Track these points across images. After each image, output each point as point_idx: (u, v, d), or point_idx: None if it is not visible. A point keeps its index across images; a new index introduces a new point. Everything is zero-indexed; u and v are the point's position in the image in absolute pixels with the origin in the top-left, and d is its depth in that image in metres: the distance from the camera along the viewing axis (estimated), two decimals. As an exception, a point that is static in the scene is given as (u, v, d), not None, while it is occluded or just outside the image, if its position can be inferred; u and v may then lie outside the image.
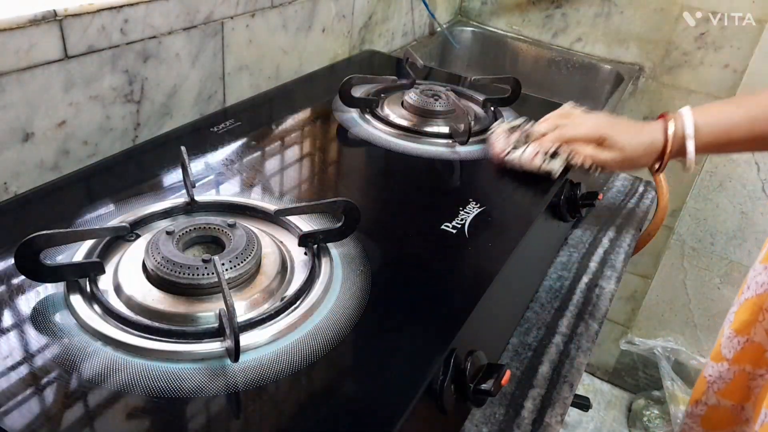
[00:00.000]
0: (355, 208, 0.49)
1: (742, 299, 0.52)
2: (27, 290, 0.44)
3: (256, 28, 0.83)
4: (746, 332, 0.50)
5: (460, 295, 0.49)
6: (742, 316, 0.52)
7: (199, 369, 0.39)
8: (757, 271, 0.51)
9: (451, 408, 0.44)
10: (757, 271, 0.50)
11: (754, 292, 0.50)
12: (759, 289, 0.49)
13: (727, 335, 0.53)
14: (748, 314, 0.50)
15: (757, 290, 0.49)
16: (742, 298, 0.52)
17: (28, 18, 0.55)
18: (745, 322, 0.50)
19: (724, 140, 0.65)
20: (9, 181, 0.60)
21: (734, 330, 0.51)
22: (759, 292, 0.49)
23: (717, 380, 0.67)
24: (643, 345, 1.63)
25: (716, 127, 0.65)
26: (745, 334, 0.50)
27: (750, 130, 0.63)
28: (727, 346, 0.53)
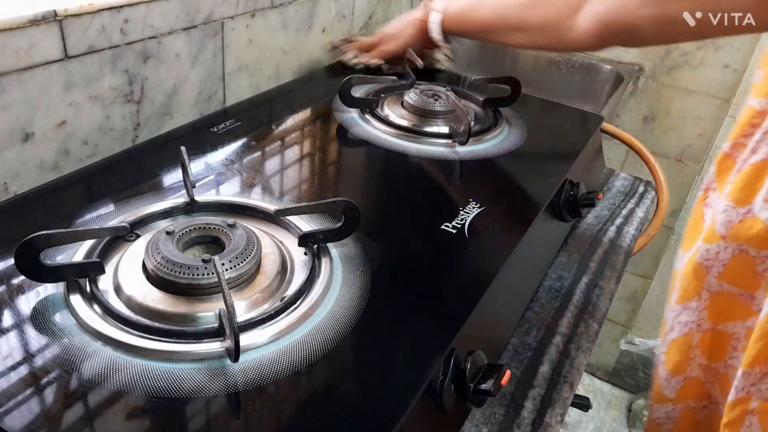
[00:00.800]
0: (355, 208, 0.49)
1: (668, 340, 0.51)
2: (27, 290, 0.44)
3: (256, 28, 0.83)
4: (682, 371, 0.50)
5: (460, 295, 0.49)
6: (673, 357, 0.51)
7: (199, 369, 0.39)
8: (676, 312, 0.50)
9: (451, 408, 0.44)
10: (676, 311, 0.50)
11: (680, 332, 0.49)
12: (684, 329, 0.49)
13: (663, 376, 0.52)
14: (679, 355, 0.50)
15: (683, 330, 0.49)
16: (668, 338, 0.51)
17: (28, 18, 0.55)
18: (678, 362, 0.50)
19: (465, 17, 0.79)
20: (9, 181, 0.60)
21: (670, 371, 0.51)
22: (685, 332, 0.49)
23: (666, 421, 0.66)
24: (643, 345, 1.63)
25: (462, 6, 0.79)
26: (681, 374, 0.50)
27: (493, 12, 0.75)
28: (667, 387, 0.52)
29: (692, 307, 0.47)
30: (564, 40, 0.68)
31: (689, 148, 1.39)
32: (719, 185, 0.46)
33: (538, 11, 0.69)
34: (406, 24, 0.87)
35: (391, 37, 0.88)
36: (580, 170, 0.75)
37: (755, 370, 0.39)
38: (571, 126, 0.86)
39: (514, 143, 0.74)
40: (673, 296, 0.50)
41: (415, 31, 0.85)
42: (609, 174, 0.95)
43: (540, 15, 0.69)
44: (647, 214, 0.88)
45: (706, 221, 0.46)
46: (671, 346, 0.51)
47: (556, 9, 0.67)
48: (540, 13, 0.69)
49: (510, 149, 0.73)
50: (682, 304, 0.48)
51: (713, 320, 0.45)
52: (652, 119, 1.40)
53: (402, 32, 0.87)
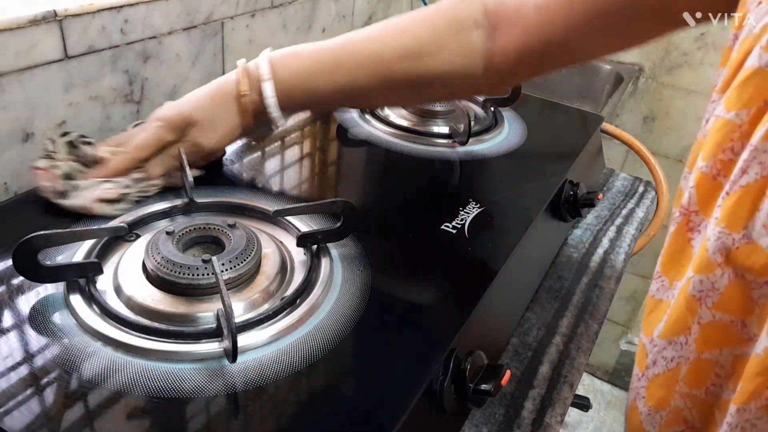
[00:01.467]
0: (354, 208, 0.49)
1: (649, 374, 0.49)
2: (27, 290, 0.44)
3: (256, 28, 0.83)
4: (666, 405, 0.48)
5: (460, 295, 0.49)
6: (656, 392, 0.49)
7: (199, 369, 0.39)
8: (660, 347, 0.48)
9: (451, 408, 0.44)
10: (660, 346, 0.48)
11: (665, 368, 0.47)
12: (670, 364, 0.47)
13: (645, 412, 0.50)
14: (663, 390, 0.48)
15: (668, 365, 0.47)
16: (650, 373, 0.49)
17: (28, 18, 0.55)
18: (662, 397, 0.48)
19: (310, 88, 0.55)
20: (9, 181, 0.60)
21: (653, 407, 0.49)
22: (671, 366, 0.47)
23: None
24: (643, 345, 1.63)
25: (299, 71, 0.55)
26: (665, 408, 0.48)
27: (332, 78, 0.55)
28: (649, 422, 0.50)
29: (680, 342, 0.45)
30: (469, 88, 0.56)
31: (689, 148, 1.39)
32: (702, 209, 0.44)
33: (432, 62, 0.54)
34: (215, 105, 0.56)
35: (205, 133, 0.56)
36: (580, 170, 0.75)
37: (751, 406, 0.39)
38: (571, 126, 0.86)
39: (514, 143, 0.74)
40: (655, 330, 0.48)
41: (237, 115, 0.56)
42: (609, 174, 0.95)
43: (437, 65, 0.54)
44: (647, 214, 0.88)
45: (694, 248, 0.45)
46: (653, 381, 0.49)
47: (456, 57, 0.53)
48: (438, 63, 0.54)
49: (510, 149, 0.73)
50: (668, 339, 0.47)
51: (699, 350, 0.44)
52: (652, 119, 1.40)
53: (214, 120, 0.56)
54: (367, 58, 0.55)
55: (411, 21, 0.55)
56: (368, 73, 0.54)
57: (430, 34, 0.54)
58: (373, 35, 0.55)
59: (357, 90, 0.55)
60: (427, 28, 0.54)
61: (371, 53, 0.55)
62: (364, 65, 0.55)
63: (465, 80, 0.54)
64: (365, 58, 0.55)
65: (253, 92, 0.55)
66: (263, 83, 0.55)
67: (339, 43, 0.56)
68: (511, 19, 0.51)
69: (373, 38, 0.55)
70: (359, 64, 0.55)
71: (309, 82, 0.56)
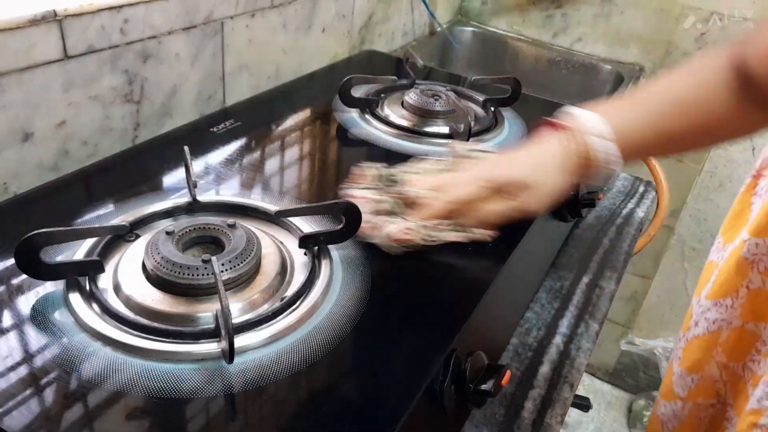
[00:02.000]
0: (356, 209, 0.49)
1: (689, 336, 0.48)
2: (27, 290, 0.44)
3: (256, 28, 0.82)
4: (699, 370, 0.48)
5: (461, 296, 0.49)
6: (693, 354, 0.48)
7: (199, 369, 0.39)
8: (705, 307, 0.47)
9: (452, 408, 0.44)
10: (705, 307, 0.47)
11: (705, 329, 0.47)
12: (711, 326, 0.46)
13: (678, 373, 0.50)
14: (700, 353, 0.47)
15: (709, 327, 0.47)
16: (690, 334, 0.48)
17: (28, 18, 0.55)
18: (697, 360, 0.48)
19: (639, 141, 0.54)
20: (9, 181, 0.60)
21: (686, 368, 0.49)
22: (712, 329, 0.46)
23: (671, 419, 0.62)
24: (644, 345, 1.63)
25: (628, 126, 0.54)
26: (698, 372, 0.48)
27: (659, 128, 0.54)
28: (679, 384, 0.50)
29: (726, 304, 0.45)
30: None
31: (689, 148, 1.39)
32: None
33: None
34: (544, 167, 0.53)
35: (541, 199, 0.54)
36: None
37: None
38: (571, 126, 0.85)
39: (514, 143, 0.74)
40: (703, 290, 0.46)
41: (568, 174, 0.54)
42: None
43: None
44: (647, 215, 0.88)
45: (753, 211, 0.44)
46: (692, 342, 0.48)
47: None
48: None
49: (510, 149, 0.73)
50: (714, 300, 0.45)
51: (744, 318, 0.43)
52: (653, 119, 1.40)
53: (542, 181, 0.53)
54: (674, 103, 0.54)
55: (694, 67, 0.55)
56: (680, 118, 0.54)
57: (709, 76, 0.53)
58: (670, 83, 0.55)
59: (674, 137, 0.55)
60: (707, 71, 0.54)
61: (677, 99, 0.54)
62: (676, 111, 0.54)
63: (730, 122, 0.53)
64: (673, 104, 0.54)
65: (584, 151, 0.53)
66: (599, 140, 0.52)
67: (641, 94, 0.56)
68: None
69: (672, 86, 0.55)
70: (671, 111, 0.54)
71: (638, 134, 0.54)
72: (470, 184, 0.53)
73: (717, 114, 0.52)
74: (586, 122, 0.53)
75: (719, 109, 0.51)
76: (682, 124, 0.53)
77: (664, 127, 0.53)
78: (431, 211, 0.52)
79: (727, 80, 0.51)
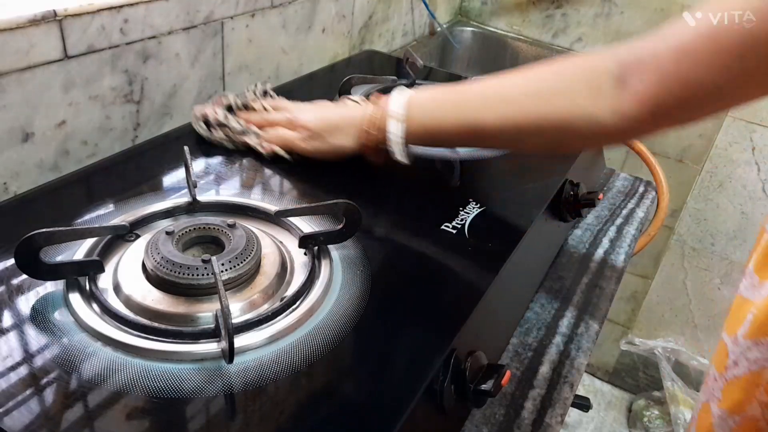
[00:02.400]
0: (357, 210, 0.49)
1: (728, 376, 0.47)
2: (26, 290, 0.44)
3: (256, 28, 0.83)
4: (741, 410, 0.47)
5: (460, 295, 0.49)
6: (733, 395, 0.47)
7: (199, 370, 0.39)
8: (744, 347, 0.46)
9: (451, 408, 0.44)
10: (744, 346, 0.46)
11: (747, 369, 0.46)
12: (752, 366, 0.46)
13: (718, 415, 0.49)
14: (742, 393, 0.46)
15: (750, 368, 0.46)
16: (729, 374, 0.47)
17: (28, 18, 0.55)
18: (738, 401, 0.47)
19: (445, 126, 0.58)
20: (9, 181, 0.60)
21: (726, 409, 0.48)
22: (753, 369, 0.45)
23: None
24: (644, 345, 1.63)
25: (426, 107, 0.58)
26: (739, 413, 0.47)
27: (457, 118, 0.57)
28: (720, 426, 0.49)
29: (766, 343, 0.44)
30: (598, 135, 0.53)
31: (690, 148, 1.39)
32: None
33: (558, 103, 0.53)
34: (345, 122, 0.62)
35: (318, 131, 0.63)
36: (580, 170, 0.75)
37: None
38: (571, 126, 0.85)
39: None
40: (739, 329, 0.46)
41: (358, 140, 0.61)
42: (609, 174, 0.95)
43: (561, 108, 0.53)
44: (647, 215, 0.88)
45: None
46: (732, 383, 0.47)
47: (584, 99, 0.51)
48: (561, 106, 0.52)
49: (510, 149, 0.73)
50: (754, 339, 0.45)
51: None
52: (653, 119, 1.40)
53: (337, 132, 0.62)
54: (493, 95, 0.56)
55: (540, 68, 0.55)
56: (494, 112, 0.55)
57: (558, 78, 0.53)
58: (501, 79, 0.56)
59: (481, 129, 0.56)
60: (556, 73, 0.54)
61: (497, 92, 0.56)
62: (491, 104, 0.55)
63: (593, 126, 0.52)
64: (492, 96, 0.56)
65: (375, 128, 0.60)
66: (388, 120, 0.59)
67: (465, 84, 0.59)
68: (645, 67, 0.48)
69: (501, 82, 0.56)
70: (486, 103, 0.56)
71: (434, 119, 0.58)
72: (281, 113, 0.66)
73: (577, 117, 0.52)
74: (391, 102, 0.59)
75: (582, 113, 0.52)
76: (496, 119, 0.55)
77: (475, 120, 0.56)
78: (249, 117, 0.67)
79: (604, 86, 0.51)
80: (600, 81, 0.51)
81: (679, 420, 1.53)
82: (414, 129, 0.58)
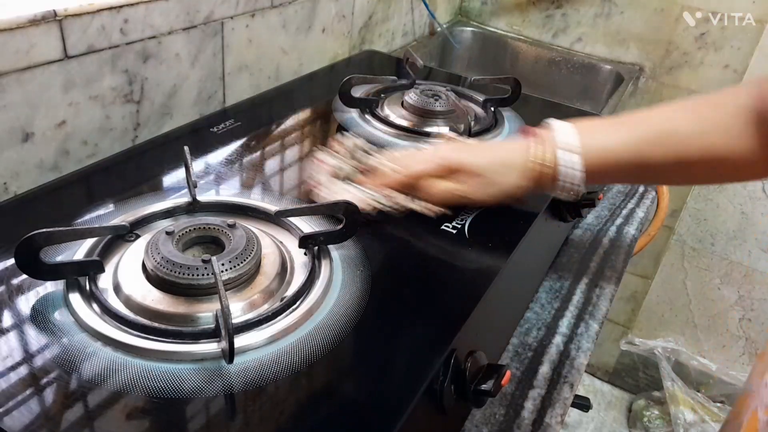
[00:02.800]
0: (357, 210, 0.49)
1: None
2: (26, 290, 0.44)
3: (256, 28, 0.83)
4: None
5: (461, 296, 0.49)
6: None
7: (199, 370, 0.39)
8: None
9: (451, 408, 0.44)
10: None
11: None
12: None
13: (765, 420, 0.49)
14: None
15: None
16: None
17: (28, 18, 0.55)
18: None
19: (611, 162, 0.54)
20: (9, 181, 0.60)
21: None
22: None
23: None
24: (644, 345, 1.63)
25: (602, 146, 0.54)
26: None
27: (637, 153, 0.53)
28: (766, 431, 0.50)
29: None
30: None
31: (689, 148, 1.39)
32: None
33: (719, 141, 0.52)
34: (510, 158, 0.55)
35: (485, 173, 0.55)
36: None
37: None
38: (571, 126, 0.85)
39: (514, 143, 0.74)
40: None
41: (527, 177, 0.55)
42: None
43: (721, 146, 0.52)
44: (647, 214, 0.88)
45: None
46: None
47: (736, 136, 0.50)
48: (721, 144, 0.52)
49: (510, 149, 0.73)
50: None
51: None
52: (653, 119, 1.40)
53: (504, 170, 0.55)
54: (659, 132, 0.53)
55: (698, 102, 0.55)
56: (663, 147, 0.53)
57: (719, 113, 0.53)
58: (662, 113, 0.55)
59: (647, 164, 0.54)
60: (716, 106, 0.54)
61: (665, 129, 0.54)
62: (660, 140, 0.53)
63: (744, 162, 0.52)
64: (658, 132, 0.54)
65: (547, 161, 0.54)
66: (558, 151, 0.53)
67: (623, 116, 0.55)
68: None
69: (664, 115, 0.54)
70: (655, 139, 0.53)
71: (608, 152, 0.54)
72: (427, 161, 0.55)
73: (722, 153, 0.52)
74: (557, 134, 0.54)
75: (726, 149, 0.51)
76: (667, 155, 0.53)
77: (644, 154, 0.53)
78: (384, 180, 0.56)
79: (746, 121, 0.51)
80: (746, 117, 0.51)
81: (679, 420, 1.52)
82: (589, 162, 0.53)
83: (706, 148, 0.52)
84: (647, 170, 0.55)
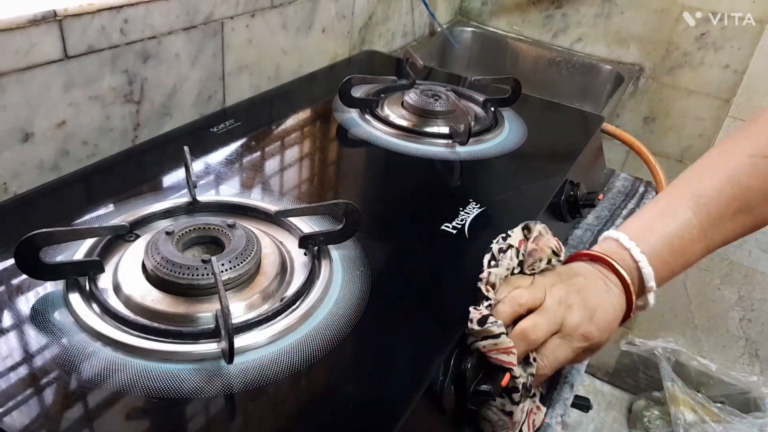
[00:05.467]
0: (356, 210, 0.49)
1: None
2: (26, 290, 0.44)
3: (256, 28, 0.83)
4: None
5: (461, 296, 0.49)
6: None
7: (199, 370, 0.39)
8: None
9: (451, 408, 0.44)
10: None
11: None
12: None
13: None
14: None
15: None
16: None
17: (28, 18, 0.55)
18: None
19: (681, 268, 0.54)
20: (9, 181, 0.60)
21: None
22: None
23: None
24: (644, 346, 1.63)
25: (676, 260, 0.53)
26: None
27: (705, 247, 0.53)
28: None
29: None
30: None
31: (690, 148, 1.39)
32: None
33: None
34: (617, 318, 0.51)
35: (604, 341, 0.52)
36: (580, 170, 0.75)
37: None
38: (571, 126, 0.85)
39: (514, 143, 0.74)
40: None
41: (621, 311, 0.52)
42: (609, 174, 0.94)
43: None
44: (647, 215, 0.88)
45: None
46: None
47: None
48: None
49: (510, 149, 0.73)
50: None
51: None
52: (653, 119, 1.40)
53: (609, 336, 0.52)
54: (707, 220, 0.53)
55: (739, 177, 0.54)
56: (720, 231, 0.53)
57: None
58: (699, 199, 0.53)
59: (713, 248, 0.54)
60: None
61: (712, 219, 0.53)
62: (711, 235, 0.53)
63: None
64: (707, 221, 0.53)
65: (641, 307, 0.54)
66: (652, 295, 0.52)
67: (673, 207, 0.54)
68: None
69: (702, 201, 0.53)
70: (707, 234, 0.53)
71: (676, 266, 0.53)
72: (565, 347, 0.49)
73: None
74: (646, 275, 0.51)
75: None
76: (745, 227, 0.54)
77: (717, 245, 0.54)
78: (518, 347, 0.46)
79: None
80: None
81: (679, 420, 1.52)
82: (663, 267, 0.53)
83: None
84: (711, 249, 0.54)
